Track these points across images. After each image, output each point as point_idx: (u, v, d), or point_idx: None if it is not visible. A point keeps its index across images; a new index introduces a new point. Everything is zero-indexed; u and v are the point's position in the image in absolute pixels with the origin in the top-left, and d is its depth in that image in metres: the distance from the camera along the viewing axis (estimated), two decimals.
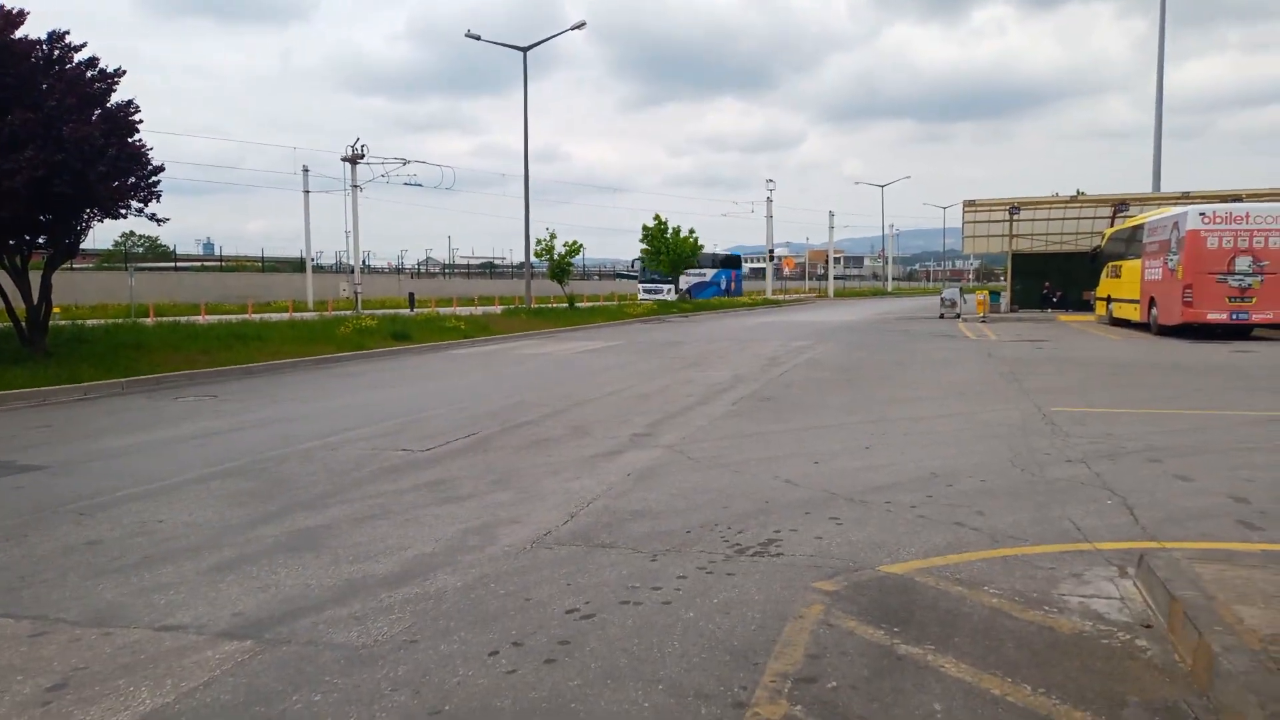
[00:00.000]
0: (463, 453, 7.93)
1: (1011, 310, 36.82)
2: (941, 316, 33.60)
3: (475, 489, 6.53)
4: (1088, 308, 31.34)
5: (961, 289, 40.33)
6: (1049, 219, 37.42)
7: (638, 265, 56.32)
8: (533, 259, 36.70)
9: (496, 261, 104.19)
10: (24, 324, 14.51)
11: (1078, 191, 35.04)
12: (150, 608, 4.23)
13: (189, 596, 4.37)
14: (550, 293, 46.13)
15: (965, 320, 31.19)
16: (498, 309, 37.15)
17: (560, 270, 37.30)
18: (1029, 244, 37.87)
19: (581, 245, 38.36)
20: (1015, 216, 35.05)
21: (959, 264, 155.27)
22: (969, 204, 35.49)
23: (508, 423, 9.55)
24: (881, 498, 6.07)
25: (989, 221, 37.33)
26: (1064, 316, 32.79)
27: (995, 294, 37.06)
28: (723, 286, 58.64)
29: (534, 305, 35.75)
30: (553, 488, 6.53)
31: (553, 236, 36.86)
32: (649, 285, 53.72)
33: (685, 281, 51.56)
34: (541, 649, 3.69)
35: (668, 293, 50.42)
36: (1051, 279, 37.55)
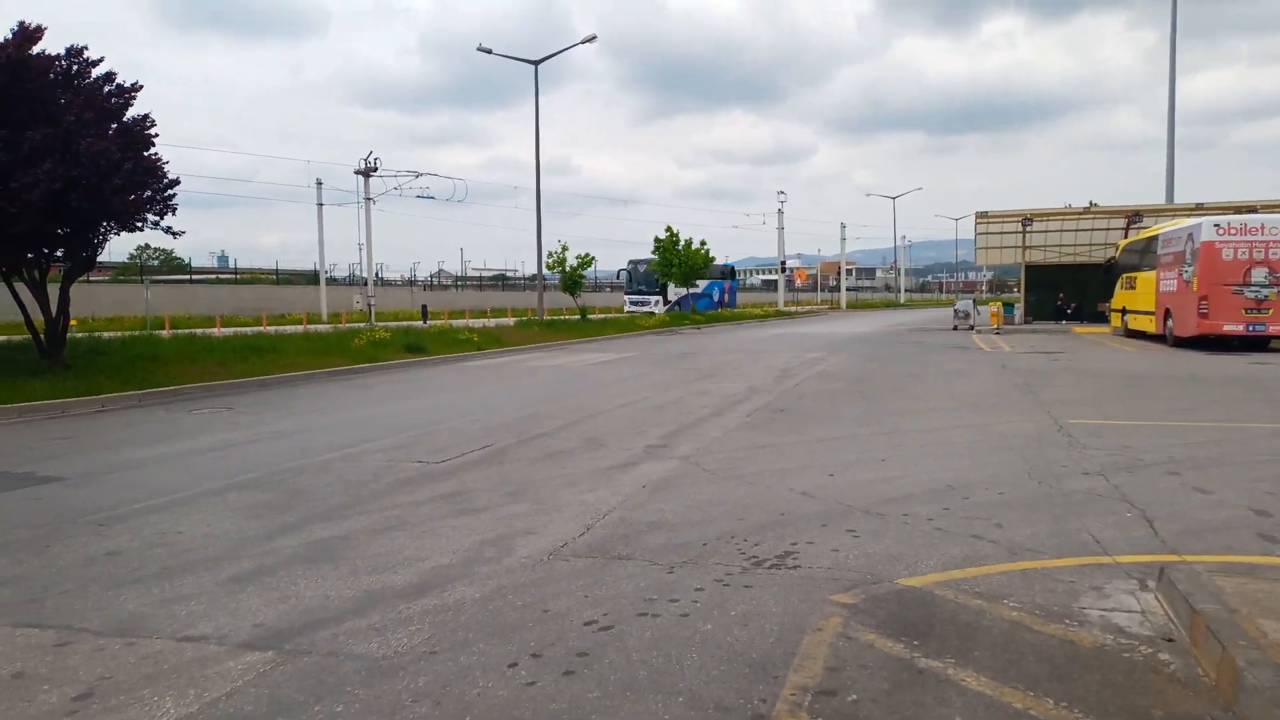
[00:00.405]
0: (478, 464, 7.95)
1: (1025, 322, 36.67)
2: (955, 328, 33.47)
3: (491, 501, 6.55)
4: (1102, 319, 31.20)
5: (975, 300, 40.20)
6: (1062, 230, 37.34)
7: (624, 276, 53.23)
8: (545, 271, 36.81)
9: (509, 273, 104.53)
10: (43, 336, 14.66)
11: (1090, 203, 34.92)
12: (172, 618, 4.26)
13: (210, 607, 4.40)
14: (562, 304, 46.20)
15: (979, 332, 31.08)
16: (510, 321, 37.27)
17: (572, 282, 37.36)
18: (1042, 255, 37.77)
19: (593, 257, 38.40)
20: (1028, 228, 34.98)
21: (972, 275, 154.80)
22: (982, 215, 35.44)
23: (522, 435, 9.58)
24: (898, 510, 6.06)
25: (1002, 233, 37.27)
26: (1078, 328, 32.65)
27: (1009, 305, 36.92)
28: (715, 298, 55.29)
29: (546, 317, 35.85)
30: (569, 499, 6.55)
31: (564, 249, 36.92)
32: (635, 297, 50.31)
33: (675, 293, 48.44)
34: (560, 661, 3.69)
35: (655, 304, 47.77)
36: (1065, 291, 37.39)
